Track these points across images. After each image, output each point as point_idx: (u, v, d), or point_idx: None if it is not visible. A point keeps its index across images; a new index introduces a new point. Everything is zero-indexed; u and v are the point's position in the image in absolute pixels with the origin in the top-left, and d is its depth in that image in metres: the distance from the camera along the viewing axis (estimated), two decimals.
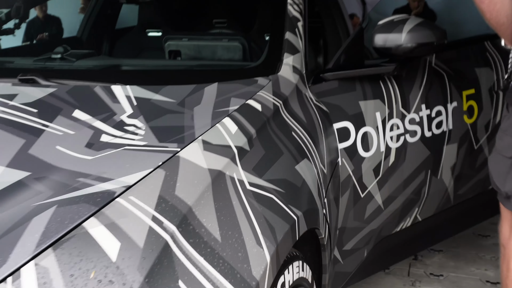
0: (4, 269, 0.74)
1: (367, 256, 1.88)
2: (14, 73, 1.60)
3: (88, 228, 0.80)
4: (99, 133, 1.16)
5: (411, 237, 2.04)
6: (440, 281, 2.35)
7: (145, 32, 2.81)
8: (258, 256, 0.90)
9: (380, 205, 1.79)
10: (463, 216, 2.26)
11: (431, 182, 1.96)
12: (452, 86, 1.97)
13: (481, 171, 2.19)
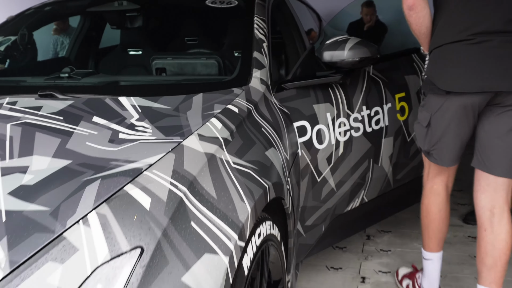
0: (75, 216, 1.11)
1: (324, 231, 2.31)
2: (31, 90, 1.97)
3: (128, 190, 1.18)
4: (117, 133, 1.53)
5: (360, 215, 2.48)
6: (389, 255, 2.78)
7: (127, 51, 3.18)
8: (242, 208, 1.30)
9: (333, 188, 2.22)
10: (401, 198, 2.72)
11: (374, 169, 2.41)
12: (387, 91, 2.43)
13: (414, 159, 2.67)
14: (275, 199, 1.59)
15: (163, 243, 1.09)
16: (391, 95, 2.44)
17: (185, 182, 1.25)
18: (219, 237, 1.19)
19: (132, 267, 1.03)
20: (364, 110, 2.30)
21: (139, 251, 1.06)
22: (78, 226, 1.08)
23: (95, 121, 1.62)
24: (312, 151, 2.06)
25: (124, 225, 1.09)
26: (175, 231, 1.13)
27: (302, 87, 2.08)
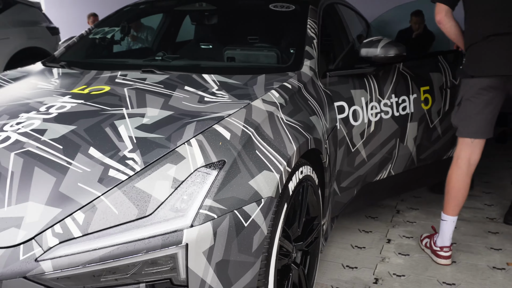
0: (182, 140, 1.70)
1: (356, 194, 2.84)
2: (134, 67, 2.61)
3: (215, 127, 1.77)
4: (203, 97, 2.12)
5: (386, 186, 3.00)
6: (413, 225, 3.27)
7: (201, 44, 3.80)
8: (290, 147, 1.86)
9: (365, 158, 2.75)
10: (423, 176, 3.21)
11: (400, 147, 2.93)
12: (413, 83, 2.94)
13: (436, 143, 3.16)
14: (315, 153, 2.14)
15: (237, 159, 1.67)
16: (417, 87, 2.95)
17: (252, 126, 1.83)
18: (273, 161, 1.76)
19: (218, 171, 1.61)
20: (393, 98, 2.82)
21: (223, 162, 1.64)
22: (184, 146, 1.68)
23: (186, 89, 2.23)
24: (348, 126, 2.60)
25: (213, 147, 1.68)
26: (245, 154, 1.71)
27: (342, 75, 2.63)
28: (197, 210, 1.51)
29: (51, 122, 1.94)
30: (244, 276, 1.61)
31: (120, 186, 1.55)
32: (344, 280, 2.57)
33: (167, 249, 1.45)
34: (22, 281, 1.39)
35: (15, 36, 6.09)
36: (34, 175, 1.64)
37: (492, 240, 3.01)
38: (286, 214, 1.83)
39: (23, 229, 1.47)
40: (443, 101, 3.12)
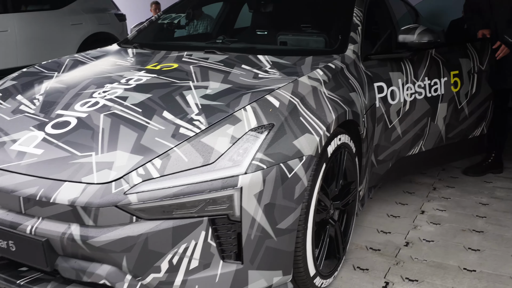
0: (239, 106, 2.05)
1: (391, 167, 3.13)
2: (197, 48, 2.99)
3: (267, 97, 2.11)
4: (257, 74, 2.46)
5: (417, 160, 3.28)
6: (447, 201, 3.52)
7: (255, 30, 4.15)
8: (330, 116, 2.18)
9: (400, 134, 3.04)
10: (451, 153, 3.49)
11: (430, 125, 3.20)
12: (444, 68, 3.20)
13: (463, 123, 3.43)
14: (353, 125, 2.46)
15: (284, 123, 2.02)
16: (447, 71, 3.22)
17: (298, 97, 2.17)
18: (314, 126, 2.09)
19: (268, 132, 1.96)
20: (426, 80, 3.10)
21: (272, 125, 1.99)
22: (241, 111, 2.04)
23: (243, 67, 2.59)
24: (386, 105, 2.89)
25: (265, 112, 2.03)
26: (290, 119, 2.05)
27: (382, 59, 2.92)
28: (250, 161, 1.86)
29: (131, 91, 2.35)
30: (287, 219, 1.96)
31: (189, 140, 1.93)
32: (378, 242, 2.88)
33: (225, 191, 1.82)
34: (113, 209, 1.79)
35: (87, 22, 6.65)
36: (120, 131, 2.04)
37: None
38: (324, 173, 2.16)
39: (114, 170, 1.87)
40: (470, 85, 3.41)
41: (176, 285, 1.86)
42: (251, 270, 1.93)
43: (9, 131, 2.22)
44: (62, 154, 1.98)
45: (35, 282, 2.05)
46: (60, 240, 1.84)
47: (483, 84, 3.60)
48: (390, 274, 2.55)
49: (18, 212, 1.94)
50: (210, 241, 1.84)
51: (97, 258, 1.84)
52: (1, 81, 2.80)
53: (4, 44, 5.71)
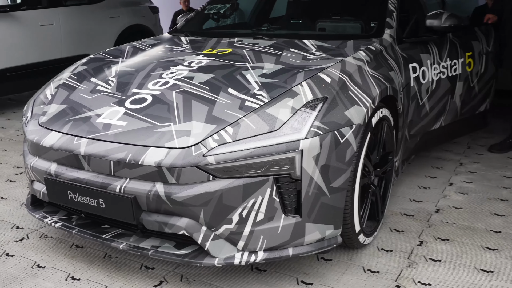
0: (296, 83, 2.36)
1: (418, 141, 3.43)
2: (245, 35, 3.30)
3: (319, 74, 2.42)
4: (305, 56, 2.76)
5: (438, 134, 3.60)
6: (474, 174, 3.78)
7: (290, 20, 4.44)
8: (374, 90, 2.47)
9: (428, 111, 3.33)
10: (462, 128, 3.83)
11: (450, 102, 3.53)
12: (461, 50, 3.54)
13: (474, 99, 3.80)
14: (392, 101, 2.75)
15: (336, 96, 2.32)
16: (463, 53, 3.60)
17: (347, 74, 2.47)
18: (362, 99, 2.39)
19: (322, 104, 2.26)
20: (448, 61, 3.45)
21: (325, 98, 2.29)
22: (298, 86, 2.35)
23: (291, 50, 2.89)
24: (419, 83, 3.18)
25: (319, 87, 2.34)
26: (341, 93, 2.35)
27: (413, 42, 3.22)
28: (309, 128, 2.17)
29: (195, 72, 2.67)
30: (339, 179, 2.27)
31: (255, 111, 2.24)
32: (411, 209, 3.17)
33: (288, 153, 2.13)
34: (194, 169, 2.11)
35: (124, 15, 7.01)
36: (193, 105, 2.36)
37: None
38: (369, 141, 2.46)
39: (192, 137, 2.19)
40: (480, 65, 3.85)
41: (244, 235, 2.18)
42: (308, 223, 2.24)
43: (92, 107, 2.55)
44: (144, 125, 2.30)
45: (117, 236, 2.39)
46: (146, 196, 2.17)
47: (489, 64, 4.04)
48: (424, 234, 2.84)
49: (108, 174, 2.27)
50: (274, 197, 2.15)
51: (178, 212, 2.16)
52: (72, 67, 3.14)
53: (50, 36, 6.08)
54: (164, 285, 2.38)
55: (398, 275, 2.44)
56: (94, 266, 2.56)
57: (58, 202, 2.48)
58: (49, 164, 2.46)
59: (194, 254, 2.21)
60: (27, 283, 2.43)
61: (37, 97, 2.90)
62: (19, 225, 3.04)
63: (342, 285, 2.36)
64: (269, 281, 2.40)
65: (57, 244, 2.80)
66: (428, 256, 2.61)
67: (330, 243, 2.35)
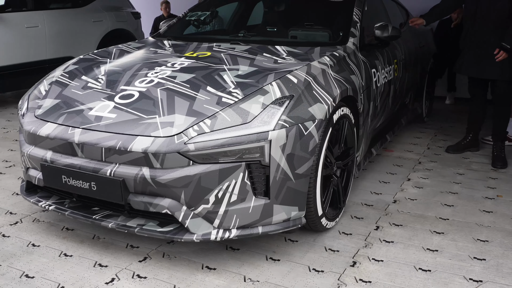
0: (266, 82, 2.69)
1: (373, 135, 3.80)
2: (223, 40, 3.63)
3: (287, 76, 2.75)
4: (277, 60, 3.09)
5: (380, 130, 4.04)
6: (430, 172, 4.15)
7: (265, 28, 4.78)
8: (335, 91, 2.82)
9: (378, 110, 3.73)
10: (391, 123, 4.26)
11: (391, 101, 3.92)
12: (392, 57, 4.11)
13: (398, 100, 4.13)
14: (352, 100, 3.10)
15: (301, 95, 2.65)
16: (392, 60, 4.15)
17: (311, 76, 2.81)
18: (324, 98, 2.73)
19: (289, 101, 2.60)
20: (387, 67, 3.91)
21: (292, 96, 2.63)
22: (268, 85, 2.68)
23: (264, 55, 3.22)
24: (376, 87, 3.56)
25: (286, 87, 2.67)
26: (306, 92, 2.69)
27: (370, 50, 3.61)
28: (277, 121, 2.50)
29: (177, 72, 2.98)
30: (303, 166, 2.60)
31: (231, 106, 2.56)
32: (371, 200, 3.53)
33: (258, 142, 2.45)
34: (176, 155, 2.42)
35: (107, 19, 7.28)
36: (175, 101, 2.67)
37: (490, 183, 3.89)
38: (330, 135, 2.80)
39: (175, 127, 2.49)
40: (400, 70, 4.37)
41: (220, 214, 2.49)
42: (275, 204, 2.56)
43: (84, 101, 2.84)
44: (132, 117, 2.60)
45: (106, 217, 2.68)
46: (133, 179, 2.46)
47: (403, 70, 4.55)
48: (380, 221, 3.20)
49: (99, 160, 2.56)
50: (246, 180, 2.47)
51: (161, 193, 2.46)
52: (63, 66, 3.42)
53: (35, 38, 6.32)
54: (148, 261, 2.68)
55: (355, 253, 2.78)
56: (84, 245, 2.84)
57: (53, 186, 2.76)
58: (45, 152, 2.73)
59: (175, 231, 2.52)
60: (24, 258, 2.70)
61: (31, 92, 3.18)
62: (12, 211, 3.30)
63: (306, 261, 2.69)
64: (241, 258, 2.71)
65: (49, 227, 3.07)
66: (382, 238, 2.96)
67: (295, 223, 2.67)
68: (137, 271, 2.58)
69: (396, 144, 4.86)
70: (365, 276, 2.54)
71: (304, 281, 2.50)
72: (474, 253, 2.79)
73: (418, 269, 2.61)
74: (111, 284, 2.45)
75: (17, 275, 2.53)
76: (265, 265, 2.64)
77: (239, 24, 4.87)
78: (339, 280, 2.50)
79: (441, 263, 2.68)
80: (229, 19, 5.07)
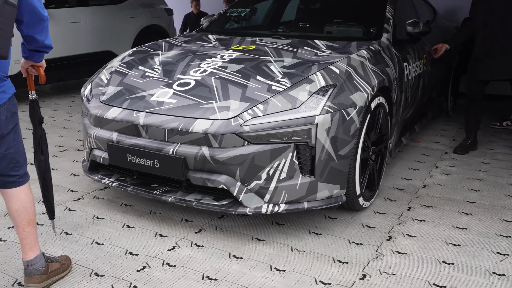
0: (311, 72, 2.97)
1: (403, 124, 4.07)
2: (265, 35, 3.92)
3: (330, 66, 3.03)
4: (317, 53, 3.39)
5: (410, 120, 4.31)
6: (457, 160, 4.40)
7: (299, 24, 5.05)
8: (373, 81, 3.09)
9: (409, 101, 3.99)
10: (420, 114, 4.46)
11: (421, 92, 4.23)
12: (421, 52, 4.34)
13: (427, 93, 4.38)
14: (387, 90, 3.37)
15: (343, 84, 2.92)
16: (422, 55, 4.37)
17: (352, 67, 3.08)
18: (364, 87, 2.99)
19: (333, 89, 2.87)
20: (417, 61, 4.17)
21: (335, 85, 2.90)
22: (313, 75, 2.96)
23: (305, 48, 3.50)
24: (407, 79, 3.82)
25: (330, 76, 2.94)
26: (348, 82, 2.96)
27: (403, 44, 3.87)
28: (322, 107, 2.77)
29: (228, 63, 3.27)
30: (345, 148, 2.87)
31: (280, 93, 2.85)
32: (402, 185, 3.79)
33: (306, 126, 2.72)
34: (233, 136, 2.70)
35: (142, 15, 7.61)
36: (229, 88, 2.96)
37: None
38: (368, 121, 3.07)
39: (231, 111, 2.78)
40: (429, 65, 4.57)
41: (270, 190, 2.77)
42: (320, 182, 2.84)
43: (145, 88, 3.15)
44: (191, 102, 2.90)
45: (166, 192, 2.98)
46: (194, 157, 2.76)
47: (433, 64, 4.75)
48: (412, 203, 3.46)
49: (162, 140, 2.85)
50: (294, 160, 2.75)
51: (219, 170, 2.75)
52: (120, 57, 3.73)
53: (77, 33, 6.68)
54: (203, 232, 2.98)
55: (390, 229, 3.05)
56: (143, 219, 3.15)
57: (118, 164, 3.07)
58: (110, 133, 3.04)
59: (230, 204, 2.81)
60: (92, 228, 3.02)
61: (93, 80, 3.49)
62: (73, 189, 3.63)
63: (346, 235, 2.96)
64: (287, 232, 3.00)
65: (109, 203, 3.39)
66: (415, 217, 3.22)
67: (336, 200, 2.95)
68: (195, 240, 2.87)
69: (423, 136, 5.09)
70: (401, 249, 2.81)
71: (346, 251, 2.77)
72: (500, 231, 3.03)
73: (449, 244, 2.87)
74: (173, 250, 2.76)
75: (88, 242, 2.85)
76: (309, 238, 2.92)
77: (273, 21, 5.14)
78: (377, 251, 2.77)
79: (470, 239, 2.94)
80: (264, 15, 5.34)
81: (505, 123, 5.47)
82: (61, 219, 3.10)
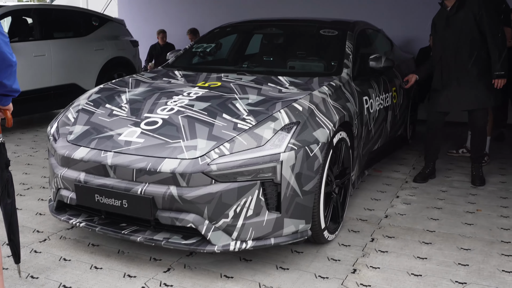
0: (275, 110, 3.07)
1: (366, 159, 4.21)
2: (230, 71, 4.03)
3: (293, 104, 3.14)
4: (281, 89, 3.49)
5: (377, 153, 4.45)
6: (416, 189, 4.56)
7: (262, 57, 5.19)
8: (335, 117, 3.21)
9: (373, 134, 4.14)
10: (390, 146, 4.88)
11: (385, 128, 4.64)
12: (389, 85, 4.72)
13: (396, 125, 5.03)
14: (348, 125, 3.50)
15: (306, 121, 3.03)
16: (390, 87, 4.60)
17: (314, 104, 3.20)
18: (326, 124, 3.11)
19: (296, 126, 2.97)
20: (383, 94, 4.31)
21: (298, 122, 3.01)
22: (277, 113, 3.06)
23: (269, 85, 3.61)
24: (368, 113, 3.97)
25: (293, 114, 3.05)
26: (310, 119, 3.07)
27: (363, 79, 4.04)
28: (287, 144, 2.87)
29: (194, 100, 3.34)
30: (309, 184, 2.96)
31: (246, 131, 2.93)
32: (365, 215, 3.90)
33: (271, 163, 2.81)
34: (200, 175, 2.76)
35: (108, 47, 7.65)
36: (196, 127, 3.03)
37: (470, 199, 4.30)
38: (331, 156, 3.18)
39: (198, 150, 2.85)
40: (400, 97, 4.82)
41: (238, 227, 2.83)
42: (286, 218, 2.91)
43: (112, 127, 3.18)
44: (159, 142, 2.95)
45: (135, 231, 3.00)
46: (162, 197, 2.80)
47: (405, 96, 5.09)
48: (375, 234, 3.57)
49: (130, 180, 2.89)
50: (260, 197, 2.83)
51: (187, 209, 2.80)
52: (86, 95, 3.76)
53: (42, 66, 6.65)
54: (172, 271, 3.00)
55: (355, 262, 3.14)
56: (111, 259, 3.15)
57: (86, 204, 3.07)
58: (78, 173, 3.05)
59: (198, 243, 2.85)
60: (58, 271, 3.00)
61: (59, 119, 3.51)
62: (39, 229, 3.59)
63: (312, 269, 3.04)
64: (254, 267, 3.05)
65: (76, 243, 3.38)
66: (378, 249, 3.32)
67: (302, 235, 3.03)
68: (164, 280, 2.90)
69: (384, 165, 5.26)
70: (365, 281, 2.90)
71: (312, 286, 2.84)
72: (458, 260, 3.16)
73: (410, 274, 2.98)
74: None
75: (55, 285, 2.83)
76: (276, 273, 2.98)
77: (238, 55, 5.27)
78: (342, 284, 2.85)
79: (430, 268, 3.05)
80: (229, 49, 5.46)
81: (461, 150, 5.71)
82: (27, 262, 3.07)
